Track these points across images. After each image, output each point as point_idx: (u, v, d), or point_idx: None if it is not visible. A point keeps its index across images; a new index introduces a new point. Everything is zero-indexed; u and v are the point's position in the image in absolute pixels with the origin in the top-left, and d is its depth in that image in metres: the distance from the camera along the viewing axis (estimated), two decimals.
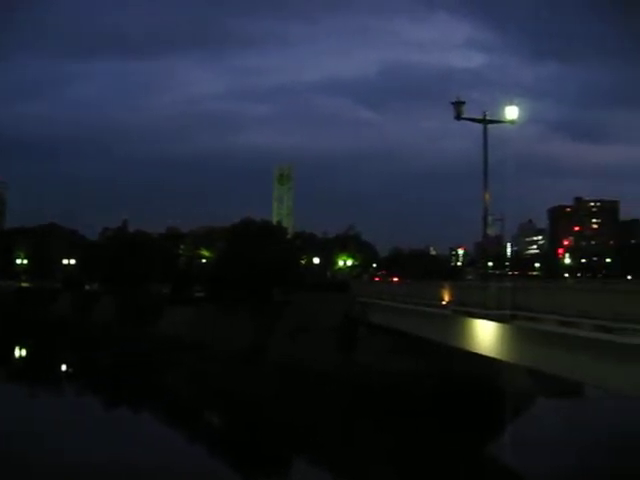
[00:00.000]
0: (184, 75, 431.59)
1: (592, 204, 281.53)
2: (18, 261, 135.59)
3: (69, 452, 31.92)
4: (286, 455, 35.75)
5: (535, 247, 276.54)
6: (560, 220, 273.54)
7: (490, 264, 64.90)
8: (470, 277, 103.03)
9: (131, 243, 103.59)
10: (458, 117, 34.55)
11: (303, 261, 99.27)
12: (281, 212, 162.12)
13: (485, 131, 34.54)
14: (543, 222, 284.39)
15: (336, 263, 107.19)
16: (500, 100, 36.38)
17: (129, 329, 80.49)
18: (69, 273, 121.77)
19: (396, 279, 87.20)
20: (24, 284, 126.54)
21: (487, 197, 34.78)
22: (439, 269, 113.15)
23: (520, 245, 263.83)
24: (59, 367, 67.13)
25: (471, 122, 34.84)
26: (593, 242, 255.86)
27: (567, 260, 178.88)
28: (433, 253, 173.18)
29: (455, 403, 37.26)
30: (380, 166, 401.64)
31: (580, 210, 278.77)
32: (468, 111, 34.62)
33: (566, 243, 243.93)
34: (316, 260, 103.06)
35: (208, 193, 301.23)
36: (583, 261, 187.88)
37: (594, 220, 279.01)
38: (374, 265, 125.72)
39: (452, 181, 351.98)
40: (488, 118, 34.53)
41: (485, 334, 30.46)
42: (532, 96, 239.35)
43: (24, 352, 78.57)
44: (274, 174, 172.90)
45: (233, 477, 32.28)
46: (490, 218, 35.39)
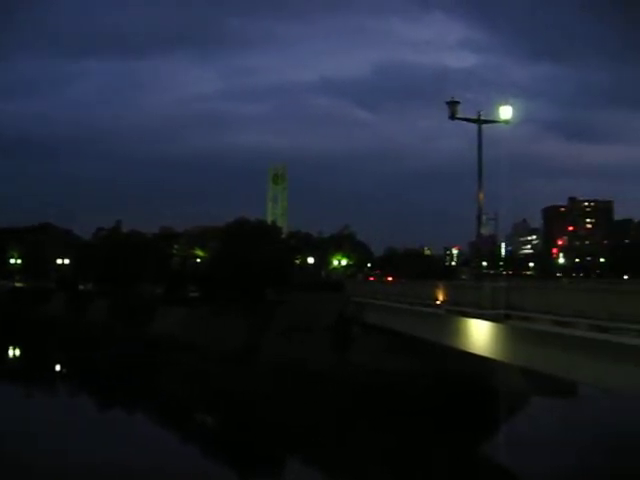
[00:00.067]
0: (179, 75, 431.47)
1: (586, 204, 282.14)
2: (12, 261, 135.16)
3: (63, 453, 31.87)
4: (280, 455, 35.71)
5: (529, 247, 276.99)
6: (554, 220, 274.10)
7: (484, 264, 64.87)
8: (464, 277, 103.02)
9: (125, 243, 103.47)
10: (452, 117, 34.57)
11: (298, 261, 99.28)
12: (275, 212, 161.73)
13: (479, 131, 34.59)
14: (537, 222, 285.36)
15: (331, 263, 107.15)
16: (494, 100, 36.49)
17: (123, 329, 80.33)
18: (63, 273, 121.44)
19: (390, 279, 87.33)
20: (18, 284, 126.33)
21: (481, 197, 34.81)
22: (433, 269, 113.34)
23: (514, 245, 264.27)
24: (53, 367, 66.94)
25: (466, 122, 34.89)
26: (587, 242, 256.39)
27: (561, 260, 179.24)
28: (427, 253, 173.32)
29: (449, 403, 37.25)
30: (375, 166, 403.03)
31: (574, 210, 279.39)
32: (463, 111, 34.68)
33: (560, 243, 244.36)
34: (310, 260, 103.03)
35: (202, 193, 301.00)
36: (577, 261, 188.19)
37: (588, 220, 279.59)
38: (369, 265, 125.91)
39: (446, 181, 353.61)
40: (482, 118, 34.56)
41: (479, 334, 30.47)
42: (526, 96, 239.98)
43: (17, 352, 78.40)
44: (269, 174, 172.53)
45: (227, 477, 32.23)
46: (484, 218, 35.43)
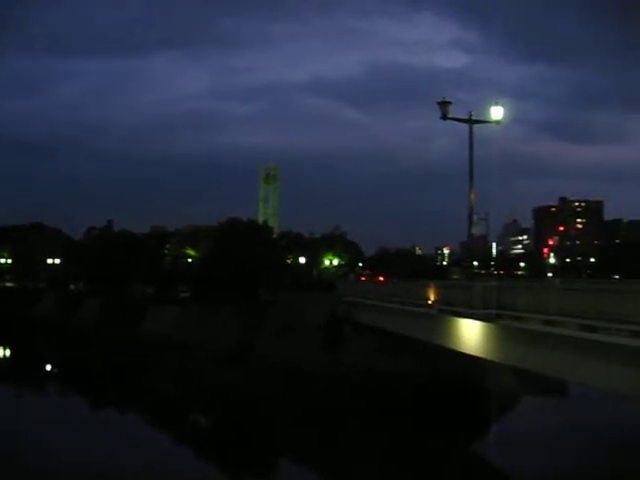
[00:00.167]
0: (169, 74, 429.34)
1: (577, 204, 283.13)
2: (2, 260, 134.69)
3: (53, 452, 31.84)
4: (271, 454, 35.76)
5: (520, 247, 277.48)
6: (545, 220, 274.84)
7: (475, 264, 65.20)
8: (456, 276, 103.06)
9: (116, 243, 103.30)
10: (444, 117, 34.58)
11: (289, 261, 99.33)
12: (267, 212, 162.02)
13: (470, 131, 34.66)
14: (528, 222, 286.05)
15: (322, 263, 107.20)
16: (486, 100, 36.58)
17: (114, 329, 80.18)
18: (54, 273, 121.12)
19: (382, 278, 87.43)
20: (8, 284, 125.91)
21: (472, 197, 34.88)
22: (425, 268, 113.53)
23: (505, 245, 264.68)
24: (44, 367, 66.80)
25: (457, 122, 34.95)
26: (578, 242, 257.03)
27: (552, 260, 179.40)
28: (419, 252, 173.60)
29: (441, 402, 37.35)
30: (367, 166, 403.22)
31: (565, 210, 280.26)
32: (454, 111, 34.70)
33: (551, 243, 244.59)
34: (302, 260, 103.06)
35: (194, 192, 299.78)
36: (568, 261, 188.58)
37: (579, 220, 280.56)
38: (360, 264, 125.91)
39: (438, 181, 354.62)
40: (474, 118, 34.63)
41: (471, 333, 30.58)
42: (518, 96, 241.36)
43: (8, 352, 78.10)
44: (260, 174, 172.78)
45: (220, 477, 32.26)
46: (475, 217, 35.51)
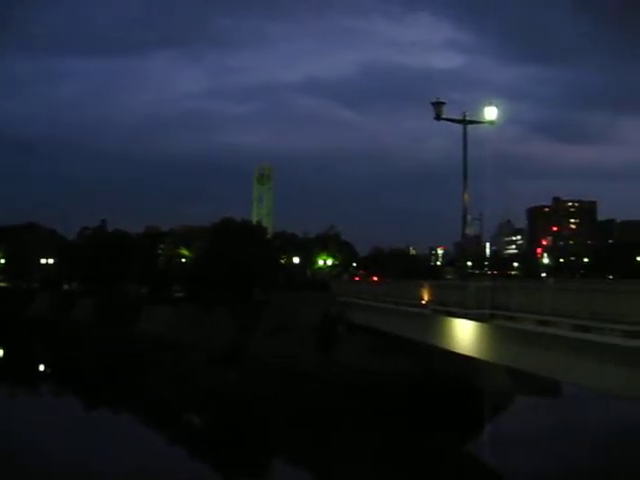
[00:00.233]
0: (165, 74, 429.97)
1: (570, 204, 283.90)
2: None
3: (48, 453, 31.78)
4: (265, 454, 35.75)
5: (514, 247, 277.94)
6: (538, 220, 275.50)
7: (469, 264, 65.23)
8: (449, 277, 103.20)
9: (110, 242, 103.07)
10: (438, 117, 34.62)
11: (283, 261, 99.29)
12: (261, 212, 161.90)
13: (465, 132, 34.69)
14: (522, 222, 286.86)
15: (316, 263, 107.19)
16: (480, 101, 36.63)
17: (108, 329, 79.98)
18: (47, 272, 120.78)
19: (376, 278, 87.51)
20: (1, 284, 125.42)
21: (466, 197, 34.94)
22: (419, 268, 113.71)
23: (499, 245, 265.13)
24: (37, 367, 66.62)
25: (451, 123, 34.98)
26: (571, 242, 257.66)
27: (545, 260, 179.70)
28: (413, 253, 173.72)
29: (435, 402, 37.39)
30: (361, 166, 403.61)
31: (558, 210, 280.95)
32: (448, 111, 34.76)
33: (544, 243, 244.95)
34: (296, 260, 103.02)
35: (188, 192, 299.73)
36: (561, 261, 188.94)
37: (572, 220, 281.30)
38: (354, 264, 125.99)
39: (432, 181, 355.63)
40: (468, 119, 34.67)
41: (464, 333, 30.63)
42: (512, 97, 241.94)
43: (1, 352, 77.81)
44: (254, 174, 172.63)
45: (214, 477, 32.25)
46: (469, 218, 35.57)
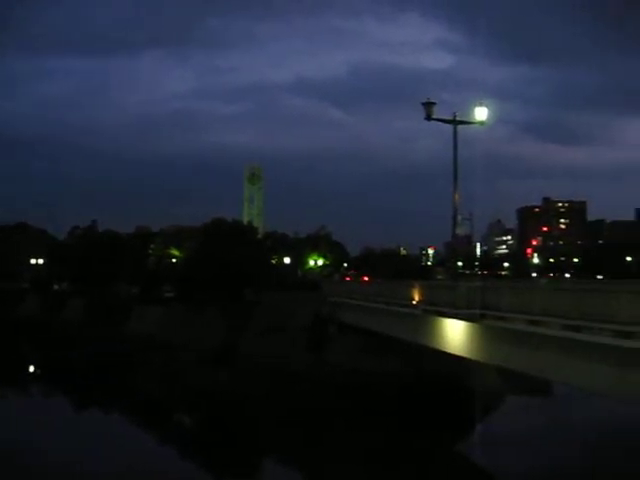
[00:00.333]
0: (154, 74, 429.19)
1: (560, 204, 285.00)
2: None
3: (38, 453, 31.72)
4: (256, 454, 35.73)
5: (504, 247, 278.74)
6: (529, 220, 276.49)
7: (460, 264, 65.42)
8: (440, 277, 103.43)
9: (100, 243, 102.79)
10: (428, 118, 34.59)
11: (274, 261, 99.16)
12: (251, 212, 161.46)
13: (455, 132, 34.73)
14: (512, 222, 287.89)
15: (307, 263, 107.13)
16: (470, 101, 36.68)
17: (98, 329, 79.83)
18: (37, 273, 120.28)
19: (366, 279, 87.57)
20: None
21: (456, 197, 34.97)
22: (409, 269, 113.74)
23: (489, 245, 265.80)
24: (27, 367, 66.41)
25: (441, 123, 35.02)
26: (561, 242, 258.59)
27: (535, 260, 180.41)
28: (403, 253, 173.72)
29: (425, 402, 37.43)
30: (351, 166, 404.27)
31: (548, 210, 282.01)
32: (438, 112, 34.74)
33: (534, 243, 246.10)
34: (287, 260, 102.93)
35: (178, 192, 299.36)
36: (551, 261, 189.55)
37: (562, 220, 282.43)
38: (345, 265, 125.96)
39: (423, 181, 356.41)
40: (458, 119, 34.69)
41: (455, 333, 30.68)
42: (502, 97, 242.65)
43: None
44: (244, 174, 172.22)
45: (204, 477, 32.21)
46: (459, 218, 35.61)
